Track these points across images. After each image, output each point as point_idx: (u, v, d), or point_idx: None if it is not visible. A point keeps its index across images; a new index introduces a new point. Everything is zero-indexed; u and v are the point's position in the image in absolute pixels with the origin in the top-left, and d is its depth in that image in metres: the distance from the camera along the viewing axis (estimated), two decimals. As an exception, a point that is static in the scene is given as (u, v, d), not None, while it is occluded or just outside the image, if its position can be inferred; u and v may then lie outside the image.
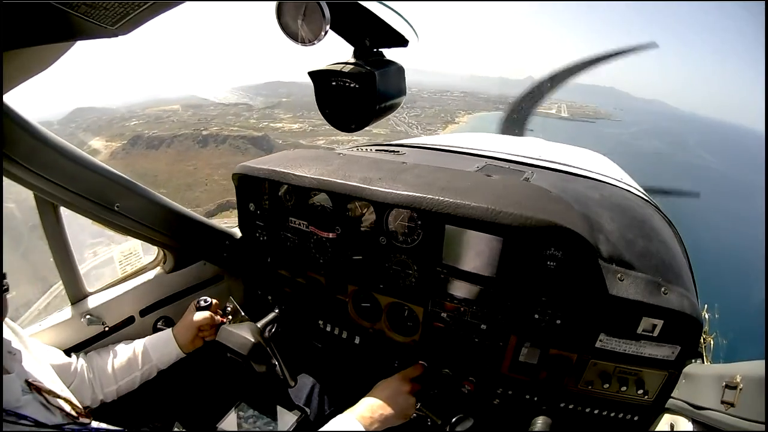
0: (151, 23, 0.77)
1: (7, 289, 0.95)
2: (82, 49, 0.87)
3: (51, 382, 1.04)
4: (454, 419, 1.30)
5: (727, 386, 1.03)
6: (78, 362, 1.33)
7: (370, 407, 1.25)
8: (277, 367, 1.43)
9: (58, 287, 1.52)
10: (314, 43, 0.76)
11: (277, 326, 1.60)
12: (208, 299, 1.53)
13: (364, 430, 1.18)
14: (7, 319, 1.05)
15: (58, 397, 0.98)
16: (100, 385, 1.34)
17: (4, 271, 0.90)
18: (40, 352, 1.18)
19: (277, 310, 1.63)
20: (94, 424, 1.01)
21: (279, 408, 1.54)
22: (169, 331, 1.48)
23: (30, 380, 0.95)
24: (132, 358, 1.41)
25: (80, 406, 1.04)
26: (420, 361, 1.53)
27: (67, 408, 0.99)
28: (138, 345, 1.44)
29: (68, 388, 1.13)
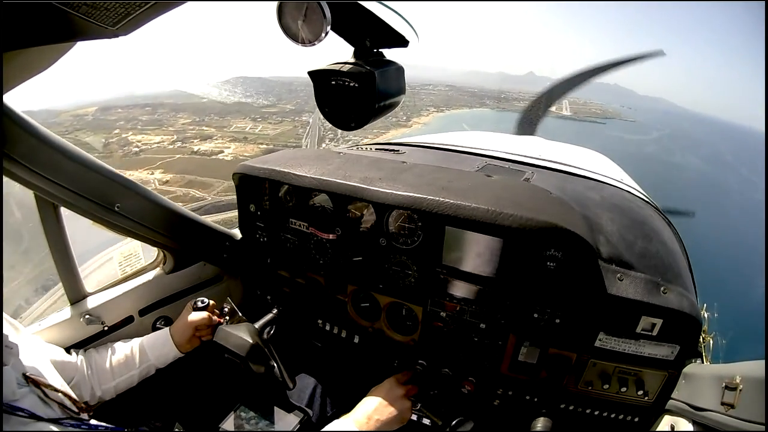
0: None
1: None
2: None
3: (50, 376, 1.04)
4: (454, 422, 1.30)
5: (726, 387, 1.03)
6: (78, 359, 1.33)
7: (366, 413, 1.25)
8: (276, 369, 1.43)
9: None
10: (314, 44, 0.76)
11: (275, 327, 1.60)
12: (206, 300, 1.53)
13: None
14: (6, 316, 1.05)
15: (57, 391, 0.98)
16: (98, 382, 1.34)
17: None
18: (40, 349, 1.18)
19: (275, 311, 1.63)
20: (93, 422, 1.01)
21: (281, 410, 1.53)
22: (166, 330, 1.48)
23: (27, 374, 0.94)
24: (130, 356, 1.41)
25: (80, 401, 1.04)
26: (419, 361, 1.53)
27: (67, 402, 0.99)
28: (135, 344, 1.44)
29: (68, 384, 1.13)
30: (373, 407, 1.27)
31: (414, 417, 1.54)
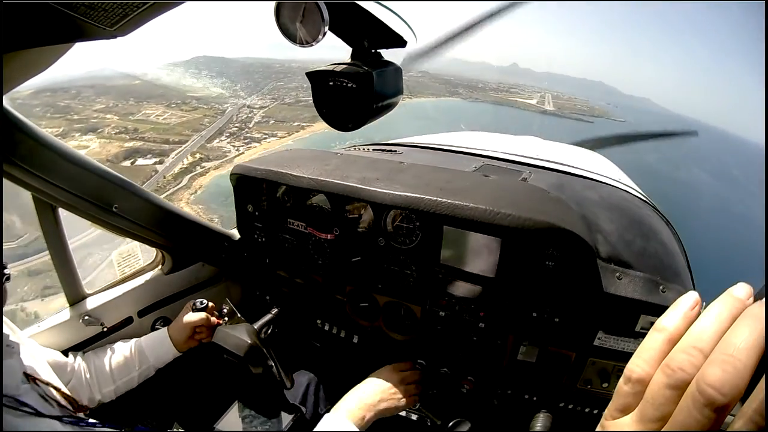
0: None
1: (8, 278, 0.95)
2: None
3: (48, 377, 1.05)
4: (451, 423, 1.30)
5: None
6: (76, 362, 1.33)
7: (359, 399, 1.23)
8: (274, 369, 1.43)
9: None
10: (312, 45, 0.76)
11: (274, 327, 1.60)
12: (204, 301, 1.53)
13: (356, 430, 1.14)
14: (5, 319, 1.06)
15: (56, 389, 0.99)
16: (98, 385, 1.34)
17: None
18: (38, 351, 1.18)
19: (273, 312, 1.63)
20: (92, 421, 1.01)
21: (276, 408, 1.54)
22: (164, 330, 1.49)
23: (28, 372, 0.95)
24: (129, 357, 1.41)
25: (77, 401, 1.05)
26: (419, 360, 1.53)
27: (64, 402, 1.00)
28: (134, 345, 1.44)
29: (66, 386, 1.13)
30: (367, 393, 1.25)
31: (414, 417, 1.53)
